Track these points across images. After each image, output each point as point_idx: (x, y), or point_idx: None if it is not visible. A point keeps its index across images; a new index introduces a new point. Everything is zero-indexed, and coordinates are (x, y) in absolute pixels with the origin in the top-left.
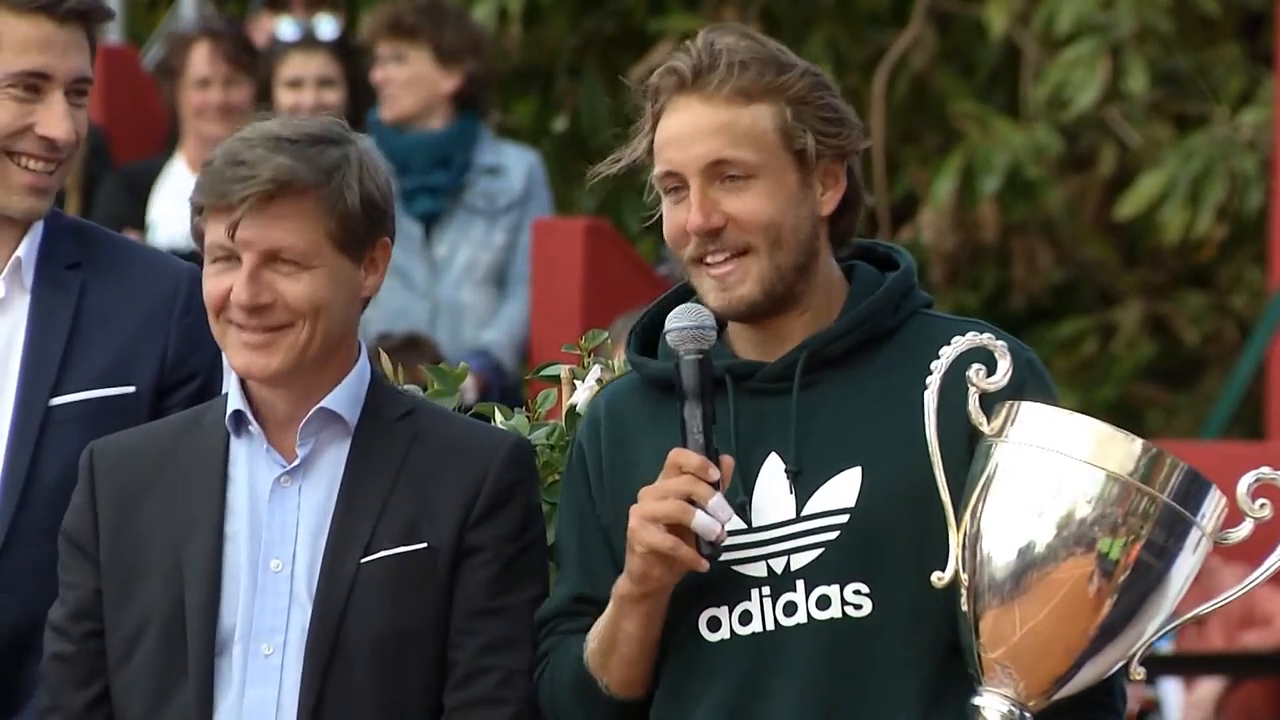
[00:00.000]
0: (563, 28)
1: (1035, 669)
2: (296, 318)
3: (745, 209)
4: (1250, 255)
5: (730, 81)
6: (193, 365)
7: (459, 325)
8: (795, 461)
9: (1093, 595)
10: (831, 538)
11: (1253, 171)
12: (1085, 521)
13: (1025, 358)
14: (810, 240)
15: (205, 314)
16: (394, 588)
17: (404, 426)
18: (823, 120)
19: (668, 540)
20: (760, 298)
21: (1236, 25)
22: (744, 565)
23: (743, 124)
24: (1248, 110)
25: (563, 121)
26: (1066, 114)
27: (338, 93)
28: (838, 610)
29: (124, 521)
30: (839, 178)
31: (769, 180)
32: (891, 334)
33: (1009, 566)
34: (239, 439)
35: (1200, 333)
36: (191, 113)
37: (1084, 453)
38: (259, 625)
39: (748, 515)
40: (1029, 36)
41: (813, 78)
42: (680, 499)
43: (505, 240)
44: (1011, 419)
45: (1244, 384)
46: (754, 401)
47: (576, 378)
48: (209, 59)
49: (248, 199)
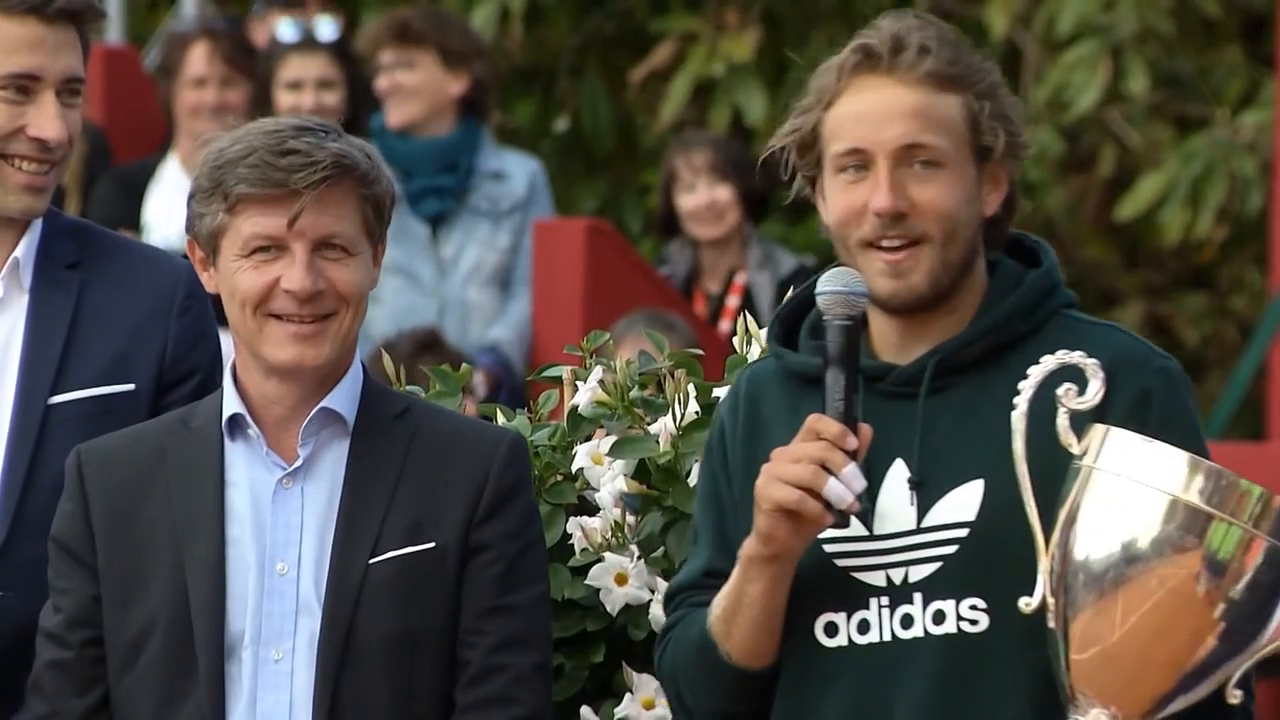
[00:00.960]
0: (564, 28)
1: (1122, 700)
2: (341, 305)
3: (931, 197)
4: (1250, 257)
5: (924, 65)
6: (192, 362)
7: (466, 323)
8: (918, 472)
9: (1187, 636)
10: (950, 551)
11: (1253, 173)
12: (1182, 560)
13: (1159, 366)
14: (975, 239)
15: (205, 310)
16: (403, 588)
17: (401, 425)
18: (1005, 118)
19: (794, 494)
20: (927, 289)
21: (1238, 27)
22: (863, 573)
23: (939, 110)
24: (1248, 112)
25: (564, 122)
26: (1067, 115)
27: (337, 95)
28: (953, 626)
29: (120, 525)
30: (1003, 180)
31: (954, 171)
32: (1028, 337)
33: (1100, 595)
34: (234, 442)
35: (1201, 334)
36: (186, 112)
37: (1175, 487)
38: (267, 630)
39: (869, 522)
40: (1030, 37)
41: (993, 74)
42: (814, 464)
43: (509, 242)
44: (1100, 444)
45: (1244, 385)
46: (884, 404)
47: (578, 379)
48: (206, 59)
49: (313, 184)
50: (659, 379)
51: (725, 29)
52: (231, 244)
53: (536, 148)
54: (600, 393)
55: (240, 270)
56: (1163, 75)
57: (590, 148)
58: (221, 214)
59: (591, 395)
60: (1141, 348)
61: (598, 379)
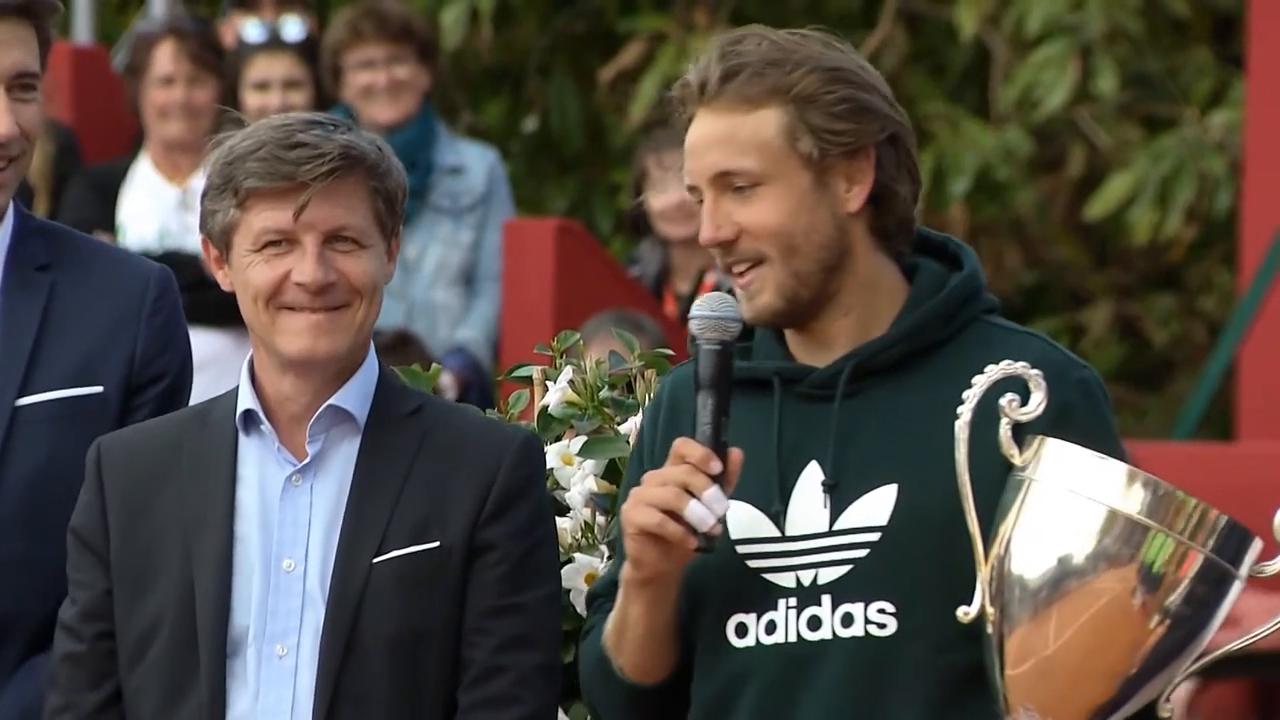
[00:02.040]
0: (533, 28)
1: (1058, 712)
2: (355, 297)
3: (753, 219)
4: (1219, 257)
5: (729, 90)
6: (161, 365)
7: (434, 325)
8: (832, 474)
9: (1123, 648)
10: (861, 555)
11: (1222, 173)
12: (1119, 573)
13: (1076, 378)
14: (834, 241)
15: (175, 313)
16: (407, 587)
17: (413, 423)
18: (831, 116)
19: (655, 517)
20: (782, 305)
21: (1207, 27)
22: (774, 574)
23: (744, 133)
24: (1217, 112)
25: (533, 122)
26: (1036, 115)
27: (304, 94)
28: (861, 629)
29: (134, 519)
30: (863, 173)
31: (777, 186)
32: (947, 342)
33: (1036, 607)
34: (248, 437)
35: (1169, 334)
36: (154, 112)
37: (1113, 498)
38: (273, 626)
39: (782, 524)
40: (999, 38)
41: (827, 72)
42: (677, 487)
43: (472, 239)
44: (1039, 455)
45: (1213, 386)
46: (802, 406)
47: (549, 379)
48: (173, 58)
49: (320, 177)
50: (629, 379)
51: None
52: (244, 239)
53: (506, 147)
54: (570, 393)
55: (252, 265)
56: (1131, 75)
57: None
58: (233, 210)
59: (561, 395)
60: (1059, 357)
61: (568, 379)
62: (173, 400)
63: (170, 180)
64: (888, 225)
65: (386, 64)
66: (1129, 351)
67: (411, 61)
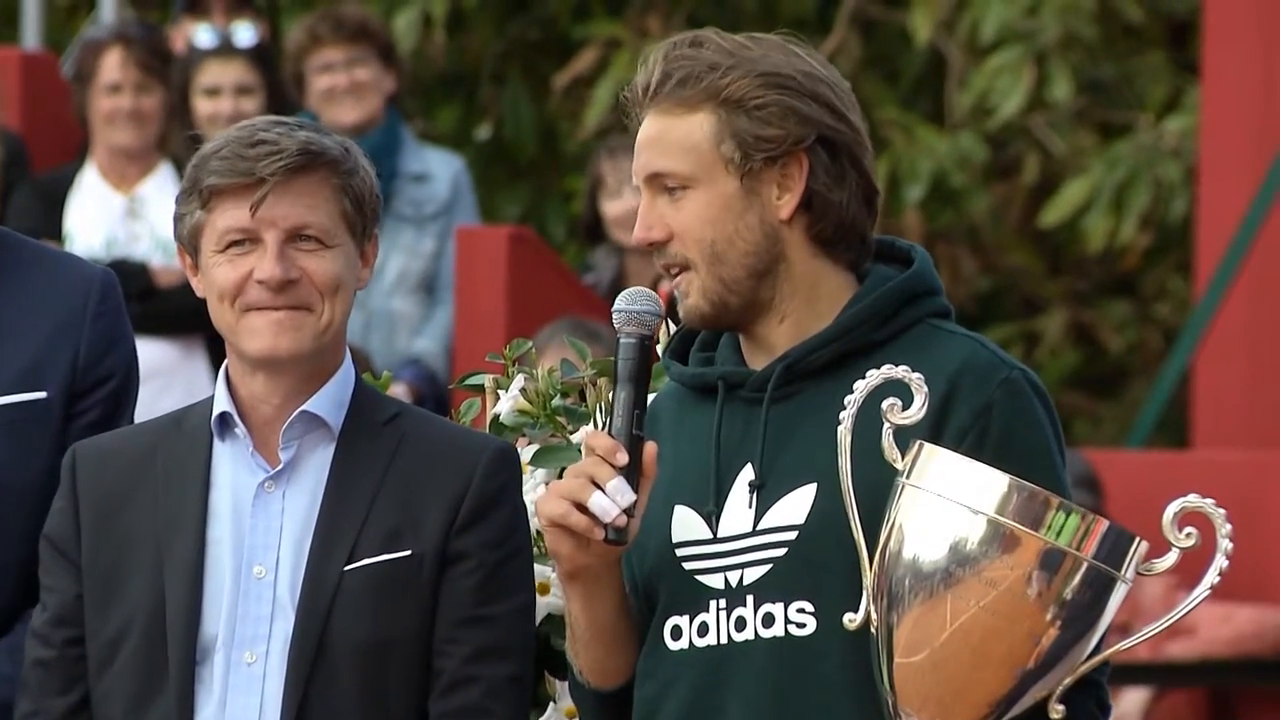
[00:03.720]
0: (487, 35)
1: (947, 717)
2: (318, 296)
3: (680, 222)
4: (1174, 264)
5: (665, 92)
6: (107, 367)
7: (393, 335)
8: (760, 474)
9: (1000, 658)
10: (780, 554)
11: (1177, 179)
12: (993, 579)
13: (1002, 377)
14: (763, 248)
15: (119, 316)
16: (377, 596)
17: (389, 431)
18: (757, 121)
19: (559, 507)
20: (708, 310)
21: (1162, 33)
22: (705, 576)
23: (675, 135)
24: (1172, 118)
25: (486, 129)
26: (991, 122)
27: (256, 101)
28: (781, 629)
29: (106, 524)
30: (797, 179)
31: (704, 191)
32: (886, 344)
33: (914, 616)
34: (223, 442)
35: (1125, 341)
36: (101, 120)
37: (988, 506)
38: (241, 633)
39: (715, 525)
40: (953, 44)
41: (760, 77)
42: (583, 477)
43: (434, 247)
44: (916, 461)
45: (1168, 392)
46: (742, 410)
47: (500, 387)
48: (120, 65)
49: (277, 172)
50: (581, 388)
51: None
52: (209, 240)
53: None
54: (522, 401)
55: (217, 264)
56: (1086, 81)
57: (513, 154)
58: (198, 211)
59: (513, 404)
60: (988, 358)
61: (520, 387)
62: (119, 403)
63: (117, 188)
64: (824, 232)
65: (346, 66)
66: (1084, 358)
67: (373, 63)
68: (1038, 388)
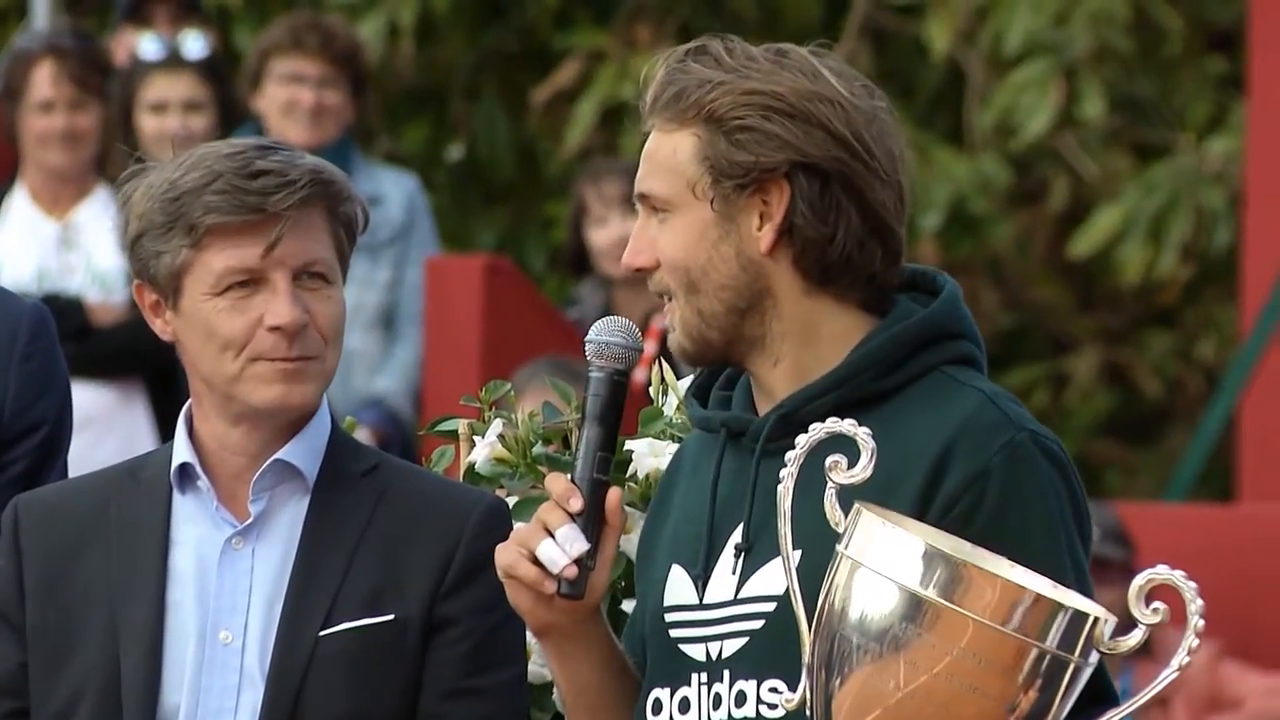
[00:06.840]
0: (459, 45)
1: None
2: (323, 343)
3: (660, 247)
4: (1217, 299)
5: (660, 106)
6: (37, 414)
7: (349, 374)
8: (748, 537)
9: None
10: (757, 627)
11: (1220, 206)
12: (920, 662)
13: (1004, 440)
14: (741, 283)
15: (51, 356)
16: (355, 664)
17: (368, 484)
18: (731, 145)
19: (510, 555)
20: (689, 345)
21: (1203, 44)
22: (689, 645)
23: (661, 153)
24: (1215, 138)
25: (459, 148)
26: (1015, 142)
27: (206, 118)
28: (752, 709)
29: (53, 584)
30: (777, 210)
31: (683, 215)
32: (893, 394)
33: (847, 690)
34: (184, 495)
35: (1163, 383)
36: (33, 140)
37: (909, 578)
38: (206, 705)
39: (701, 590)
40: (974, 56)
41: (744, 95)
42: (536, 525)
43: (390, 276)
44: (849, 527)
45: (1212, 440)
46: (742, 462)
47: (476, 433)
48: (52, 80)
49: (293, 206)
50: (565, 433)
51: (637, 46)
52: (199, 282)
53: (429, 176)
54: (500, 448)
55: (217, 311)
56: (1120, 98)
57: (488, 177)
58: (185, 250)
59: (490, 451)
60: (993, 417)
61: (497, 433)
62: (51, 451)
63: (50, 214)
64: (810, 268)
65: (318, 84)
66: (1118, 402)
67: (343, 90)
68: (1051, 453)
